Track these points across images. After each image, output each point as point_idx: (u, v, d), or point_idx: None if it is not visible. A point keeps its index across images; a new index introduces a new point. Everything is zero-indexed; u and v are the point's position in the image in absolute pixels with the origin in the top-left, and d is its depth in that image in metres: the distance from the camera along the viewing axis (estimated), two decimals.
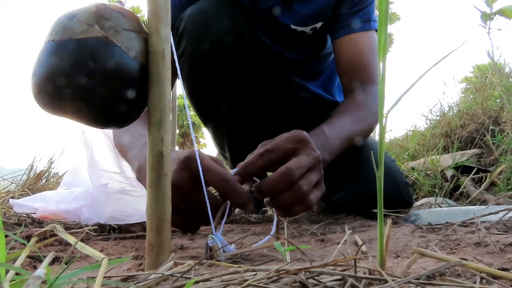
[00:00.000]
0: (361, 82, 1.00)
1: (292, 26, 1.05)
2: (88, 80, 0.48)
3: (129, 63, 0.49)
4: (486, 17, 2.12)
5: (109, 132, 1.06)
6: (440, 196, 1.36)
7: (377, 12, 0.39)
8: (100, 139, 1.05)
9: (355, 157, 1.03)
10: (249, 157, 0.65)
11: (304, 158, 0.64)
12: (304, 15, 1.04)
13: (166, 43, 0.50)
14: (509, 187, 1.29)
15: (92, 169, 0.99)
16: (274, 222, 0.66)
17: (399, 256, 0.56)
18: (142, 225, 0.92)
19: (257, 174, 0.64)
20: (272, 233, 0.65)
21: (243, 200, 0.60)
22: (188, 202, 0.61)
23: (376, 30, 1.05)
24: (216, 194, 0.63)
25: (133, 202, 0.95)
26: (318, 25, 1.06)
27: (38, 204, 0.99)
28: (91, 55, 0.48)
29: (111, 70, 0.48)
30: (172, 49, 0.52)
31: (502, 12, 1.95)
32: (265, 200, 0.66)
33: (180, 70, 0.61)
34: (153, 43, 0.50)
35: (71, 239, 0.44)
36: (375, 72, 1.02)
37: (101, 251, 0.69)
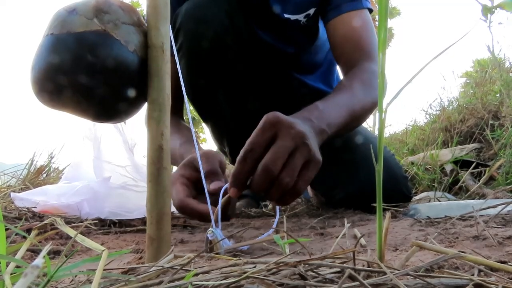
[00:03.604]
0: (357, 60, 0.98)
1: (285, 15, 1.05)
2: (87, 74, 0.48)
3: (128, 57, 0.49)
4: (487, 11, 2.11)
5: (121, 126, 1.06)
6: (439, 190, 1.37)
7: (377, 7, 0.39)
8: (110, 133, 1.05)
9: (354, 152, 1.03)
10: (234, 166, 0.63)
11: (281, 144, 0.60)
12: (297, 3, 1.04)
13: (165, 37, 0.50)
14: (508, 181, 1.29)
15: (97, 160, 1.00)
16: (276, 217, 0.66)
17: (397, 249, 0.57)
18: (142, 219, 0.92)
19: (248, 178, 0.62)
20: (274, 225, 0.65)
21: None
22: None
23: (369, 9, 1.03)
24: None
25: (134, 198, 0.96)
26: (311, 11, 1.05)
27: (39, 198, 0.99)
28: (90, 49, 0.48)
29: (110, 64, 0.48)
30: (172, 45, 0.52)
31: (501, 6, 1.94)
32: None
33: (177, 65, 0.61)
34: (152, 37, 0.50)
35: (71, 232, 0.44)
36: (371, 48, 0.99)
37: (101, 244, 0.69)
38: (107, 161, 1.00)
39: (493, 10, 2.10)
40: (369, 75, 0.93)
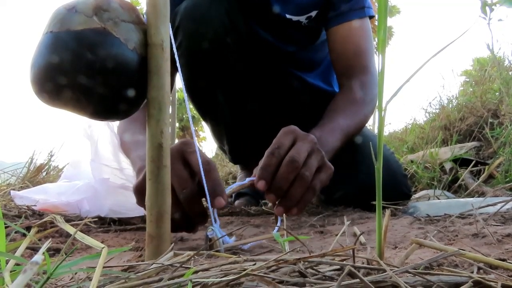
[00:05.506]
0: (354, 71, 0.99)
1: (287, 16, 1.04)
2: (86, 71, 0.48)
3: (128, 54, 0.49)
4: (486, 7, 2.10)
5: (114, 125, 1.06)
6: (438, 189, 1.37)
7: (377, 5, 0.39)
8: (105, 134, 1.04)
9: (355, 152, 1.02)
10: (262, 161, 0.67)
11: (300, 144, 0.68)
12: (299, 4, 1.03)
13: (165, 35, 0.50)
14: (507, 179, 1.29)
15: (94, 163, 0.99)
16: (278, 223, 0.67)
17: (397, 247, 0.57)
18: (142, 217, 0.92)
19: (275, 172, 0.66)
20: (278, 224, 0.65)
21: (219, 188, 0.60)
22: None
23: (370, 17, 1.03)
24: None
25: (133, 197, 0.95)
26: (313, 13, 1.04)
27: (39, 196, 0.99)
28: (90, 47, 0.48)
29: (110, 62, 0.48)
30: (172, 44, 0.52)
31: (501, 3, 1.94)
32: (276, 208, 0.66)
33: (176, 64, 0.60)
34: (152, 35, 0.50)
35: (71, 230, 0.44)
36: (369, 60, 1.00)
37: (101, 242, 0.69)
38: (104, 164, 0.99)
39: (493, 7, 2.10)
40: (363, 89, 0.96)
